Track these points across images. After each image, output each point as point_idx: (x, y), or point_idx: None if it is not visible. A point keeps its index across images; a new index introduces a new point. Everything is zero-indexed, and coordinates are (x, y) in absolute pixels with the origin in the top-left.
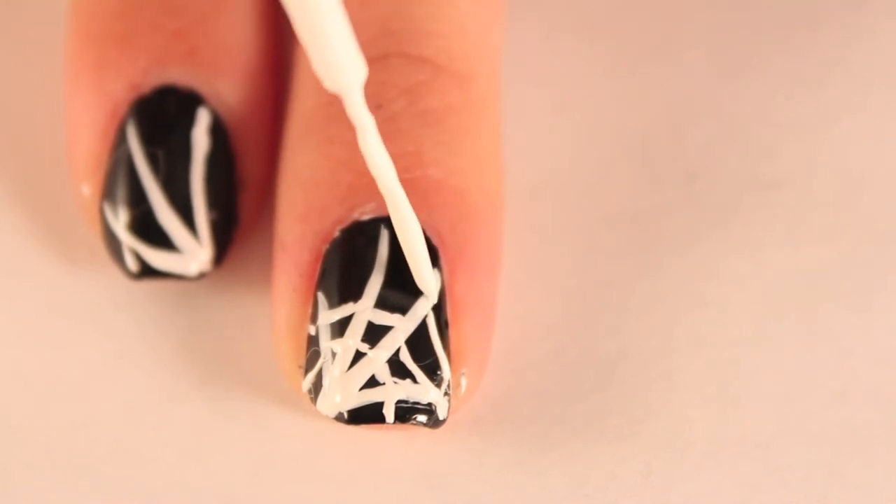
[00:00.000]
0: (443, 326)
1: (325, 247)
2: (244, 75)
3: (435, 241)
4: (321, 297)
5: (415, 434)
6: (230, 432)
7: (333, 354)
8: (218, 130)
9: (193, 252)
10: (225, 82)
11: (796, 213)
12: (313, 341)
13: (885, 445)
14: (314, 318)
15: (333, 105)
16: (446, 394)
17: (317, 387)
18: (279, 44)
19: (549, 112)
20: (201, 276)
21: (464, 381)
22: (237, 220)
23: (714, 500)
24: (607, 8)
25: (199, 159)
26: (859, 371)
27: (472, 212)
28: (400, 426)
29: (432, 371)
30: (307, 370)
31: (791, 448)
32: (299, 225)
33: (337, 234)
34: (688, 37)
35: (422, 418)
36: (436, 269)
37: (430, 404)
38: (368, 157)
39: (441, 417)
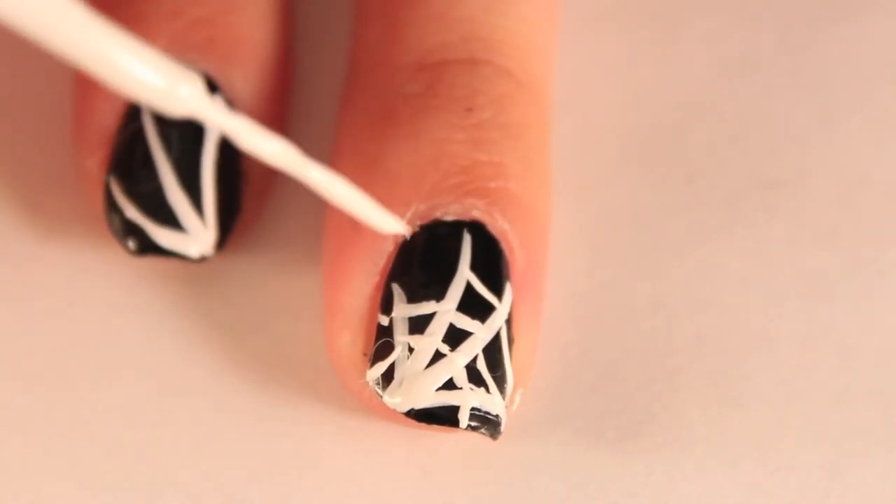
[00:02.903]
0: (511, 341)
1: (403, 238)
2: (258, 70)
3: (508, 256)
4: (397, 288)
5: (415, 434)
6: (231, 431)
7: (410, 350)
8: None
9: (198, 233)
10: (240, 74)
11: (796, 213)
12: (385, 332)
13: (885, 445)
14: (387, 309)
15: (420, 98)
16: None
17: (387, 378)
18: (291, 42)
19: (550, 111)
20: (202, 259)
21: (517, 399)
22: (239, 208)
23: (715, 500)
24: (607, 7)
25: (212, 144)
26: (859, 371)
27: (538, 232)
28: (454, 430)
29: (501, 383)
30: (375, 360)
31: (792, 448)
32: None
33: (417, 229)
34: (688, 37)
35: (488, 428)
36: (508, 283)
37: (497, 415)
38: (258, 154)
39: (502, 430)
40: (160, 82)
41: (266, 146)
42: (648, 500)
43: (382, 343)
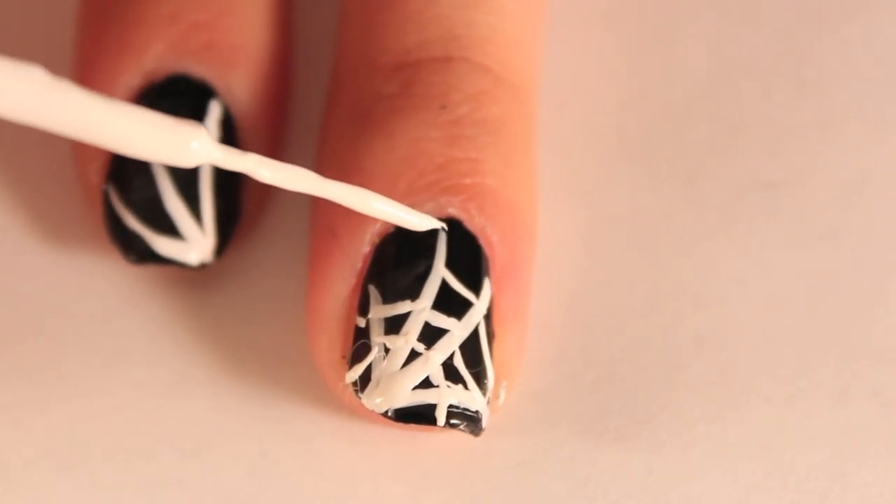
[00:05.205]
0: (490, 336)
1: (379, 240)
2: (256, 73)
3: (487, 252)
4: (373, 290)
5: (415, 434)
6: (231, 431)
7: (386, 350)
8: (227, 125)
9: (197, 241)
10: (238, 78)
11: (796, 213)
12: (362, 333)
13: (885, 445)
14: (364, 311)
15: (396, 98)
16: (488, 403)
17: (364, 380)
18: (290, 47)
19: (550, 111)
20: (202, 266)
21: (502, 394)
22: (238, 215)
23: (714, 500)
24: (607, 7)
25: None
26: (859, 371)
27: (521, 226)
28: (435, 428)
29: (480, 379)
30: (353, 362)
31: (791, 448)
32: (354, 215)
33: (393, 228)
34: (687, 37)
35: (468, 425)
36: (486, 279)
37: (477, 412)
38: (280, 184)
39: (483, 426)
40: (171, 145)
41: (285, 175)
42: (648, 500)
43: (360, 345)
